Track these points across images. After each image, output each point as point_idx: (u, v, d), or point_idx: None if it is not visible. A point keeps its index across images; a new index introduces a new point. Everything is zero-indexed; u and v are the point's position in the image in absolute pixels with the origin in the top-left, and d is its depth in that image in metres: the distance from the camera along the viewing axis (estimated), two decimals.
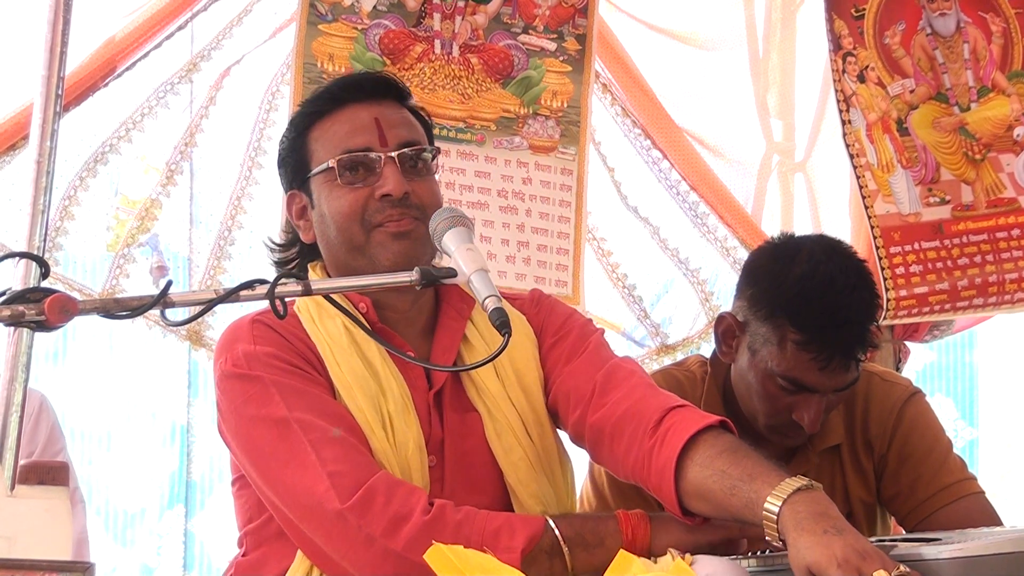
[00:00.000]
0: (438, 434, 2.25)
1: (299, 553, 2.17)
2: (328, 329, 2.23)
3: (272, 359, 2.19)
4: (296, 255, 2.42)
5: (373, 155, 2.25)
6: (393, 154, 2.25)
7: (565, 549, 2.09)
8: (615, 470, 2.23)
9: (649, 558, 2.12)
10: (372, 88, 2.32)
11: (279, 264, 2.45)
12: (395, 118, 2.30)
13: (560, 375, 2.30)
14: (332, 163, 2.25)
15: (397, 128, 2.29)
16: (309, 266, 2.37)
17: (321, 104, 2.33)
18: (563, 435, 2.37)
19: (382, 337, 2.22)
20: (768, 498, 1.92)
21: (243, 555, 2.29)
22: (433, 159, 2.31)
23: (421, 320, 2.31)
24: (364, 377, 2.20)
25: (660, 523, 2.13)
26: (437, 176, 2.35)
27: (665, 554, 2.06)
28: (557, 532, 2.10)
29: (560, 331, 2.36)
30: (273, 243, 2.46)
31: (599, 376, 2.25)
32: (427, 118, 2.41)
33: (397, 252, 2.22)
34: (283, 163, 2.38)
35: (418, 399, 2.25)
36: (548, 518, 2.12)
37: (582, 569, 2.11)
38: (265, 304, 1.91)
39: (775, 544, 1.94)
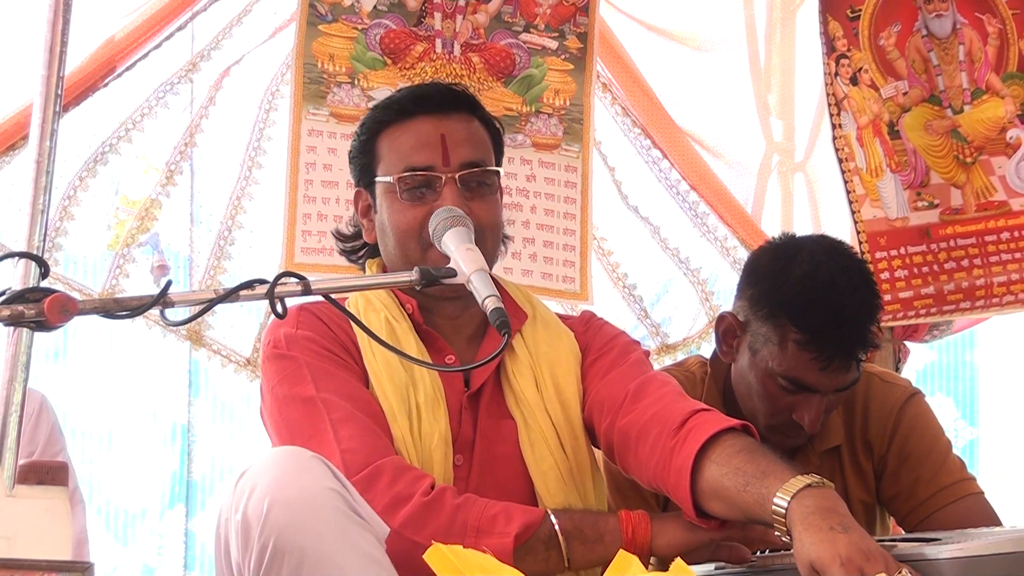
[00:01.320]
0: (468, 434, 2.29)
1: None
2: (371, 322, 2.30)
3: (309, 342, 2.27)
4: (361, 246, 2.49)
5: (434, 174, 2.29)
6: (454, 175, 2.29)
7: (562, 541, 2.11)
8: (640, 475, 2.25)
9: (650, 558, 2.13)
10: (441, 101, 2.36)
11: (345, 253, 2.52)
12: (462, 135, 2.34)
13: (596, 386, 2.34)
14: (393, 179, 2.30)
15: (462, 146, 2.32)
16: (367, 263, 2.45)
17: (391, 114, 2.37)
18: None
19: (425, 339, 2.31)
20: (777, 494, 1.95)
21: None
22: (497, 176, 2.35)
23: (470, 328, 2.37)
24: (396, 368, 2.26)
25: (661, 522, 2.15)
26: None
27: (667, 554, 2.06)
28: (555, 524, 2.12)
29: (603, 348, 2.40)
30: (339, 234, 2.53)
31: (632, 385, 2.29)
32: (499, 127, 2.44)
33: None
34: (352, 161, 2.44)
35: (452, 397, 2.29)
36: (548, 510, 2.15)
37: (579, 563, 2.12)
38: (314, 299, 1.96)
39: (784, 539, 1.95)
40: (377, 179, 2.35)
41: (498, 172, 2.36)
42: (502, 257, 2.46)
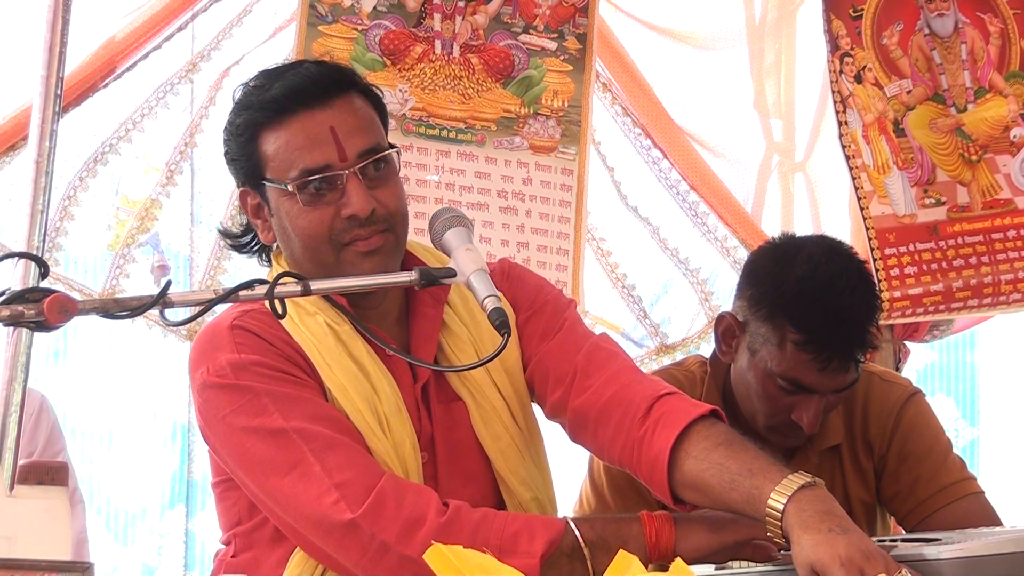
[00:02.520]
0: (427, 429, 2.21)
1: (297, 556, 2.14)
2: (311, 328, 2.17)
3: (259, 367, 2.12)
4: (250, 240, 2.32)
5: (333, 173, 2.14)
6: (355, 169, 2.14)
7: (586, 552, 2.06)
8: (599, 454, 2.22)
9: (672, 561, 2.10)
10: (320, 91, 2.18)
11: (234, 248, 2.36)
12: (351, 122, 2.17)
13: (537, 353, 2.25)
14: (291, 187, 2.14)
15: (355, 135, 2.16)
16: (273, 256, 2.29)
17: (269, 114, 2.18)
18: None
19: (370, 335, 2.17)
20: (772, 495, 1.92)
21: (232, 555, 2.24)
22: (397, 155, 2.22)
23: (395, 311, 2.24)
24: (356, 376, 2.15)
25: (685, 525, 2.10)
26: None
27: (692, 558, 2.04)
28: (578, 535, 2.06)
29: (534, 305, 2.30)
30: (226, 233, 2.37)
31: (579, 358, 2.21)
32: (377, 92, 2.28)
33: (369, 270, 2.15)
34: (232, 162, 2.26)
35: (406, 395, 2.20)
36: (569, 520, 2.09)
37: (603, 572, 2.08)
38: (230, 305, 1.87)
39: (776, 541, 1.94)
40: (268, 183, 2.18)
41: (397, 151, 2.22)
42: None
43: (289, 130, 2.17)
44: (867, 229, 4.01)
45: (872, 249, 3.96)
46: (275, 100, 2.19)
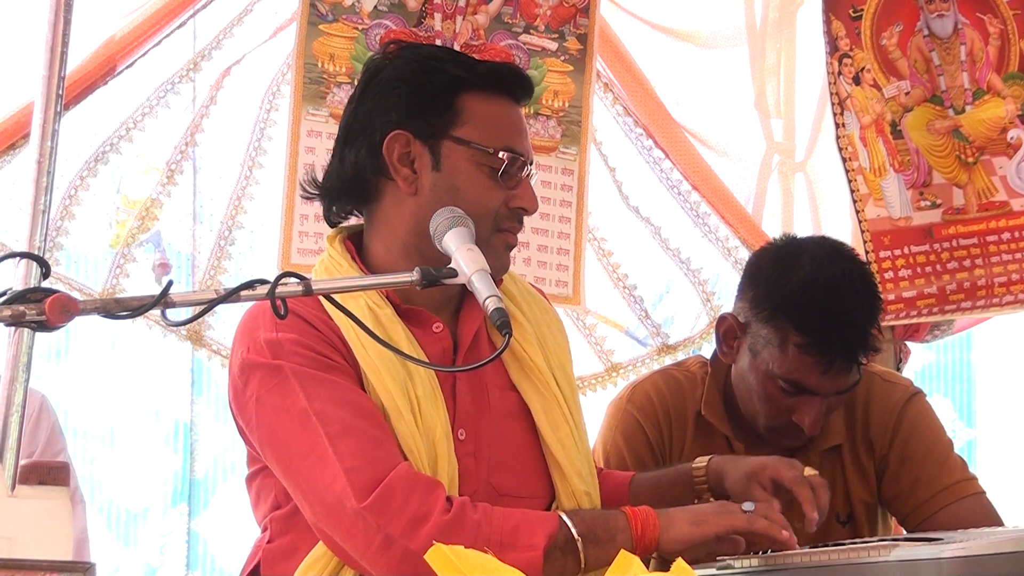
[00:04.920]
0: (469, 408, 2.23)
1: (312, 555, 2.16)
2: (351, 309, 2.13)
3: (295, 346, 2.15)
4: (325, 194, 2.33)
5: (523, 164, 2.24)
6: (532, 171, 2.26)
7: (579, 545, 2.09)
8: None
9: (654, 554, 2.13)
10: (522, 92, 2.29)
11: (312, 195, 2.36)
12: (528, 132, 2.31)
13: None
14: (504, 156, 2.20)
15: (529, 144, 2.29)
16: (328, 237, 2.32)
17: (483, 79, 2.23)
18: None
19: (408, 316, 2.22)
20: (695, 460, 2.43)
21: (269, 541, 2.25)
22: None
23: (455, 303, 2.29)
24: (391, 360, 2.16)
25: (668, 518, 2.15)
26: None
27: (674, 550, 2.07)
28: (572, 528, 2.10)
29: None
30: (307, 186, 2.37)
31: None
32: None
33: (505, 263, 2.24)
34: (411, 104, 2.22)
35: (444, 377, 2.22)
36: (561, 514, 2.13)
37: (593, 565, 2.11)
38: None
39: (704, 496, 2.37)
40: (456, 141, 2.21)
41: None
42: None
43: (498, 107, 2.25)
44: (862, 232, 4.01)
45: (867, 252, 3.97)
46: (489, 73, 2.26)
